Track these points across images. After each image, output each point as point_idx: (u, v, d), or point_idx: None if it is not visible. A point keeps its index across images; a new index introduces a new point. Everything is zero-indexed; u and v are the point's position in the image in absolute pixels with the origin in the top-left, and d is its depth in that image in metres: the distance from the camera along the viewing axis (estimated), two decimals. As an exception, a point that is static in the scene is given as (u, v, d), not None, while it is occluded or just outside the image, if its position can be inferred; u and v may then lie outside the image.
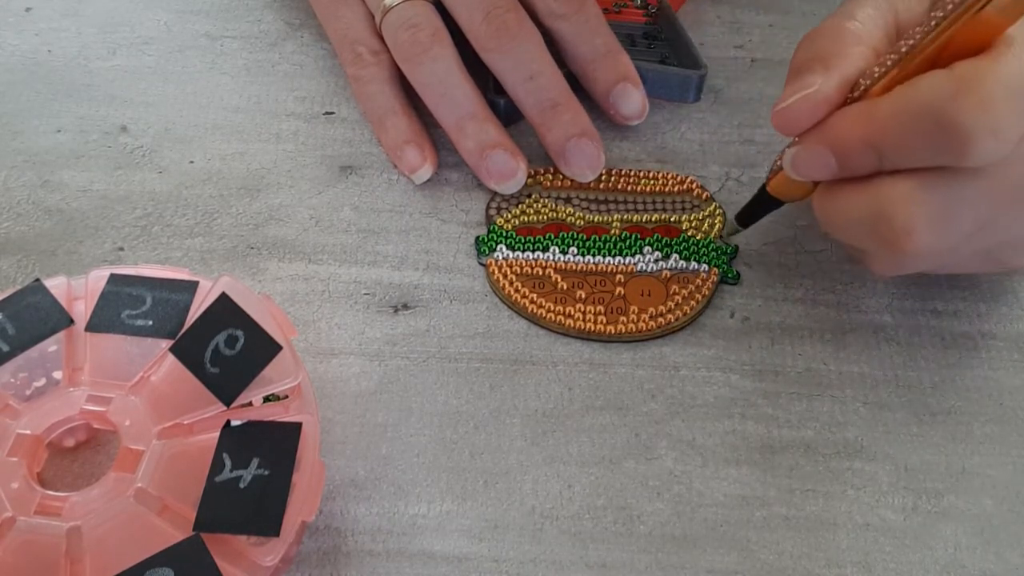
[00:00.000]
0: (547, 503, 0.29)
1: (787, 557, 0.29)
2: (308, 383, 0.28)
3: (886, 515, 0.29)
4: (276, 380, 0.28)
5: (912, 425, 0.31)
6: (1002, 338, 0.33)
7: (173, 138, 0.39)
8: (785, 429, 0.31)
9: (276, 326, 0.28)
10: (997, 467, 0.30)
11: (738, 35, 0.43)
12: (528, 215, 0.36)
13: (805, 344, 0.33)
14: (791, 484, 0.30)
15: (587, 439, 0.31)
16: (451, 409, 0.31)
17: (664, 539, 0.29)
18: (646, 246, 0.35)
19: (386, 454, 0.30)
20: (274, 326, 0.28)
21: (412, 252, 0.35)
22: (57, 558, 0.25)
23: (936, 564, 0.28)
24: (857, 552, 0.29)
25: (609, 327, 0.33)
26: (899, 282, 0.35)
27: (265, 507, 0.25)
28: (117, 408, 0.27)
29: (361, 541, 0.29)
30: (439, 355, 0.33)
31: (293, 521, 0.25)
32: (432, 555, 0.28)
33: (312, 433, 0.27)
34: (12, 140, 0.39)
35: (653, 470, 0.30)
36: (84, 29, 0.43)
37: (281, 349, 0.28)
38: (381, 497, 0.30)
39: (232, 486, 0.26)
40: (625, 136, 0.39)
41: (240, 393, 0.27)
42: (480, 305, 0.34)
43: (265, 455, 0.26)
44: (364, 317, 0.34)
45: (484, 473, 0.30)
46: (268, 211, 0.36)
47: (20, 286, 0.29)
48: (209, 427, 0.27)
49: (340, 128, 0.39)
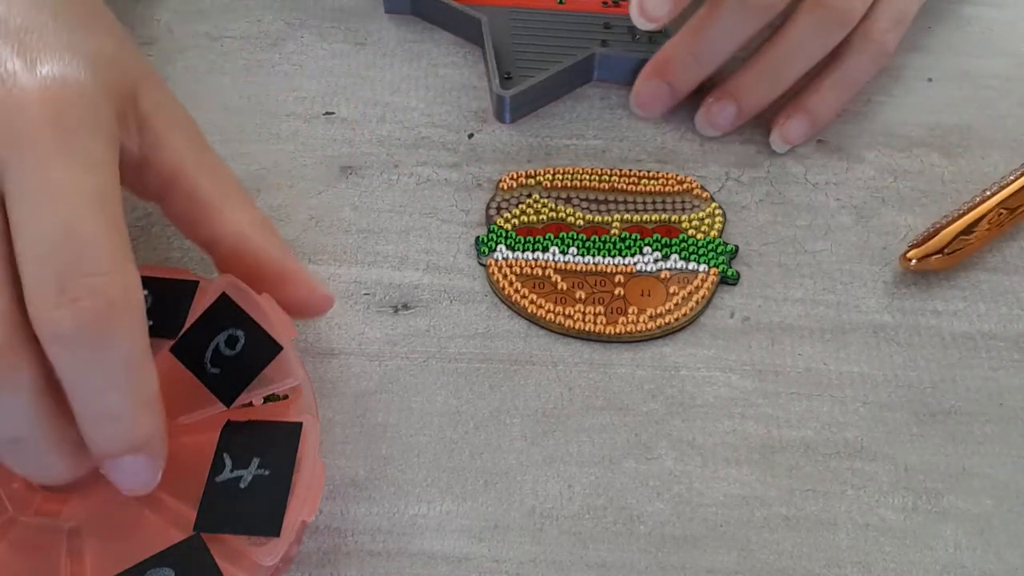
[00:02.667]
0: (547, 503, 0.29)
1: (787, 557, 0.29)
2: (308, 383, 0.28)
3: (886, 515, 0.29)
4: (277, 380, 0.28)
5: (912, 425, 0.31)
6: (1002, 338, 0.33)
7: (173, 138, 0.39)
8: (785, 429, 0.31)
9: (276, 326, 0.28)
10: (997, 467, 0.30)
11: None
12: (528, 215, 0.36)
13: (805, 344, 0.33)
14: (791, 484, 0.30)
15: (587, 439, 0.31)
16: (451, 409, 0.31)
17: (664, 539, 0.29)
18: (646, 246, 0.35)
19: (386, 454, 0.30)
20: (275, 326, 0.28)
21: (412, 252, 0.35)
22: (58, 558, 0.25)
23: (936, 564, 0.28)
24: (857, 552, 0.29)
25: (609, 327, 0.33)
26: (899, 282, 0.35)
27: (265, 507, 0.25)
28: None
29: (361, 541, 0.29)
30: (439, 355, 0.33)
31: (293, 521, 0.25)
32: (432, 555, 0.28)
33: (312, 433, 0.27)
34: (12, 140, 0.39)
35: (653, 470, 0.30)
36: (84, 29, 0.43)
37: (282, 349, 0.28)
38: (381, 497, 0.30)
39: (232, 486, 0.26)
40: (625, 136, 0.39)
41: (240, 393, 0.27)
42: (480, 305, 0.34)
43: (265, 455, 0.26)
44: (364, 317, 0.34)
45: (484, 473, 0.30)
46: (268, 211, 0.36)
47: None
48: (209, 427, 0.27)
49: (340, 128, 0.39)
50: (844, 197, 0.37)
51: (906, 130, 0.39)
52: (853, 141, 0.39)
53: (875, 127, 0.39)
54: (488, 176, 0.38)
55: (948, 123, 0.40)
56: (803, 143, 0.38)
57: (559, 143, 0.39)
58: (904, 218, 0.36)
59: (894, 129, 0.39)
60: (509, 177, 0.37)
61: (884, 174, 0.38)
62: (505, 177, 0.37)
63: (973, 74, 0.41)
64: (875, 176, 0.38)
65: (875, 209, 0.37)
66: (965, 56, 0.42)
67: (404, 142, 0.39)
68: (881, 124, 0.40)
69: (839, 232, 0.36)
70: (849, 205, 0.37)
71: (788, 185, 0.37)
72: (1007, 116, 0.40)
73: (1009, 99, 0.40)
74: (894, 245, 0.36)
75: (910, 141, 0.39)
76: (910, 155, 0.38)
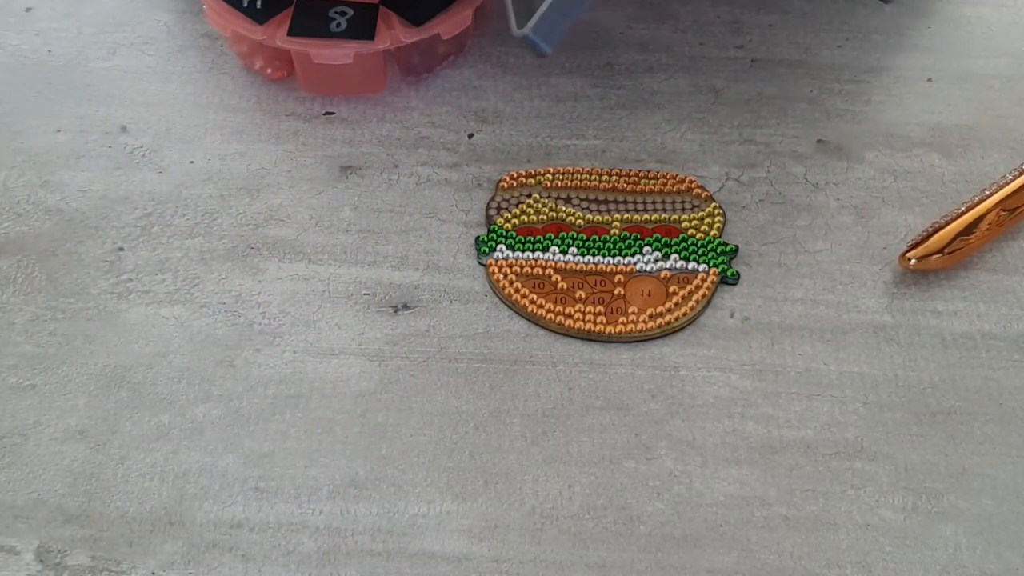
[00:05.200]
0: (547, 503, 0.29)
1: (787, 557, 0.29)
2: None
3: (886, 515, 0.29)
4: None
5: (912, 425, 0.31)
6: (1002, 338, 0.33)
7: (173, 138, 0.39)
8: (785, 429, 0.31)
9: None
10: (997, 467, 0.30)
11: (738, 35, 0.43)
12: (528, 215, 0.36)
13: (805, 344, 0.33)
14: (791, 484, 0.30)
15: (587, 439, 0.31)
16: (451, 409, 0.31)
17: (664, 539, 0.29)
18: (646, 246, 0.35)
19: (386, 454, 0.30)
20: None
21: (412, 252, 0.35)
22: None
23: (936, 564, 0.28)
24: (857, 552, 0.29)
25: (609, 327, 0.33)
26: (899, 282, 0.35)
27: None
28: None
29: (361, 541, 0.29)
30: (439, 355, 0.33)
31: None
32: (432, 555, 0.28)
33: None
34: (12, 140, 0.39)
35: (653, 470, 0.30)
36: (84, 29, 0.43)
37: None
38: (381, 497, 0.30)
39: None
40: (625, 136, 0.39)
41: None
42: (480, 305, 0.34)
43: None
44: (364, 317, 0.34)
45: (484, 473, 0.30)
46: (268, 211, 0.36)
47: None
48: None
49: (340, 128, 0.39)
50: (844, 197, 0.37)
51: (906, 130, 0.39)
52: (853, 141, 0.39)
53: (875, 127, 0.39)
54: (488, 176, 0.38)
55: (948, 123, 0.40)
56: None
57: (559, 143, 0.39)
58: (904, 218, 0.36)
59: (894, 129, 0.39)
60: (509, 177, 0.37)
61: (884, 174, 0.38)
62: (505, 177, 0.37)
63: (973, 74, 0.41)
64: (875, 176, 0.38)
65: (875, 209, 0.37)
66: (965, 56, 0.42)
67: (404, 142, 0.39)
68: (881, 124, 0.40)
69: (839, 232, 0.36)
70: (849, 205, 0.37)
71: (788, 185, 0.37)
72: (1007, 116, 0.40)
73: (1009, 99, 0.40)
74: (894, 245, 0.36)
75: (910, 141, 0.39)
76: (910, 155, 0.38)
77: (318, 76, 0.39)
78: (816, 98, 0.40)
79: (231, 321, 0.33)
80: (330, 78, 0.39)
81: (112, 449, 0.31)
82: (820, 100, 0.40)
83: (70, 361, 0.32)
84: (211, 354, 0.33)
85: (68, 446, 0.31)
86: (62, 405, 0.31)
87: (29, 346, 0.33)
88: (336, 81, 0.39)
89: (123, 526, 0.29)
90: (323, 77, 0.39)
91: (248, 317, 0.33)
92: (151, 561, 0.28)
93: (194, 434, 0.31)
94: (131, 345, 0.33)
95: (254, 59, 0.40)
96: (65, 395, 0.32)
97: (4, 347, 0.33)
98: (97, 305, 0.34)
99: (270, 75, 0.40)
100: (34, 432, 0.31)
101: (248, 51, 0.40)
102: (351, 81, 0.39)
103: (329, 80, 0.39)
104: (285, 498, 0.30)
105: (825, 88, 0.41)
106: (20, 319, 0.33)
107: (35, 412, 0.31)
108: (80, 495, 0.30)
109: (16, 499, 0.30)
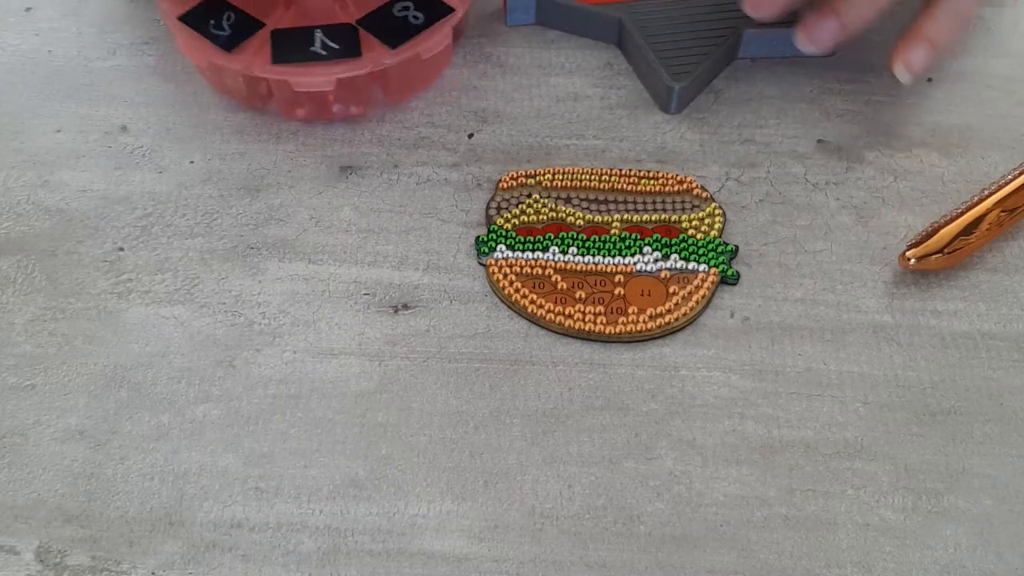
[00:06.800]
0: (547, 503, 0.29)
1: (787, 557, 0.29)
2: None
3: (886, 515, 0.29)
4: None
5: (912, 425, 0.31)
6: (1002, 338, 0.33)
7: (173, 138, 0.39)
8: (785, 429, 0.31)
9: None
10: (997, 467, 0.30)
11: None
12: (528, 215, 0.36)
13: (805, 344, 0.33)
14: (791, 484, 0.30)
15: (587, 439, 0.31)
16: (451, 409, 0.31)
17: (664, 539, 0.29)
18: (646, 246, 0.35)
19: (386, 454, 0.30)
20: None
21: (412, 252, 0.35)
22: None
23: (936, 564, 0.28)
24: (857, 552, 0.29)
25: (609, 327, 0.33)
26: (899, 282, 0.35)
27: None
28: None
29: (361, 541, 0.29)
30: (439, 355, 0.33)
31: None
32: (432, 555, 0.28)
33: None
34: (12, 140, 0.39)
35: (653, 470, 0.30)
36: (84, 29, 0.43)
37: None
38: (381, 497, 0.30)
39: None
40: (625, 136, 0.39)
41: None
42: (480, 305, 0.34)
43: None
44: (364, 317, 0.34)
45: (484, 473, 0.30)
46: (268, 211, 0.36)
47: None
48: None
49: (340, 128, 0.39)
50: (844, 197, 0.37)
51: (906, 130, 0.39)
52: (853, 141, 0.39)
53: (875, 127, 0.39)
54: (488, 176, 0.38)
55: (948, 123, 0.40)
56: (922, 72, 0.37)
57: (559, 143, 0.39)
58: (904, 218, 0.36)
59: (894, 129, 0.39)
60: (509, 177, 0.37)
61: (884, 174, 0.38)
62: (505, 177, 0.37)
63: (973, 74, 0.41)
64: (875, 176, 0.38)
65: (875, 209, 0.37)
66: (965, 56, 0.42)
67: (404, 142, 0.39)
68: (881, 124, 0.40)
69: (839, 232, 0.36)
70: (849, 205, 0.37)
71: (788, 185, 0.37)
72: (1007, 116, 0.40)
73: (1009, 99, 0.40)
74: (894, 245, 0.36)
75: (910, 141, 0.39)
76: (910, 155, 0.38)
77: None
78: (816, 98, 0.40)
79: (231, 321, 0.33)
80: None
81: (112, 449, 0.31)
82: (820, 100, 0.40)
83: (70, 361, 0.32)
84: (211, 354, 0.33)
85: (68, 446, 0.31)
86: (62, 405, 0.32)
87: (29, 346, 0.33)
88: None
89: (123, 526, 0.29)
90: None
91: (248, 317, 0.33)
92: (151, 561, 0.28)
93: (194, 434, 0.31)
94: (131, 345, 0.33)
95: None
96: (65, 395, 0.32)
97: (4, 347, 0.33)
98: (97, 305, 0.34)
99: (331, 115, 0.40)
100: (34, 432, 0.31)
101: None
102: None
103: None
104: (285, 498, 0.30)
105: (825, 88, 0.41)
106: (20, 319, 0.33)
107: (35, 412, 0.31)
108: (80, 495, 0.30)
109: (16, 499, 0.30)
